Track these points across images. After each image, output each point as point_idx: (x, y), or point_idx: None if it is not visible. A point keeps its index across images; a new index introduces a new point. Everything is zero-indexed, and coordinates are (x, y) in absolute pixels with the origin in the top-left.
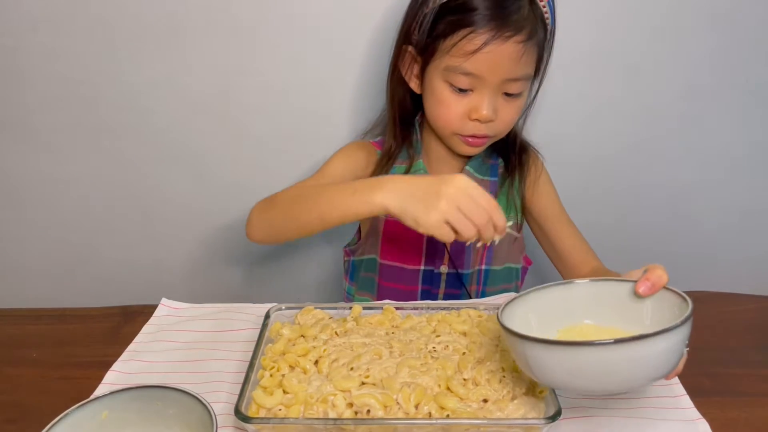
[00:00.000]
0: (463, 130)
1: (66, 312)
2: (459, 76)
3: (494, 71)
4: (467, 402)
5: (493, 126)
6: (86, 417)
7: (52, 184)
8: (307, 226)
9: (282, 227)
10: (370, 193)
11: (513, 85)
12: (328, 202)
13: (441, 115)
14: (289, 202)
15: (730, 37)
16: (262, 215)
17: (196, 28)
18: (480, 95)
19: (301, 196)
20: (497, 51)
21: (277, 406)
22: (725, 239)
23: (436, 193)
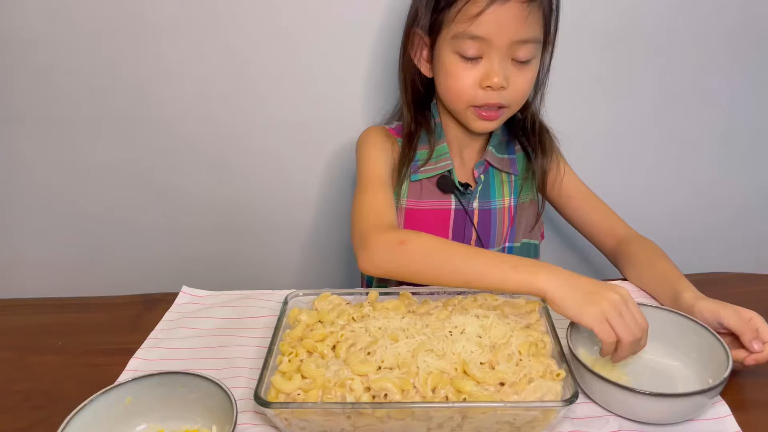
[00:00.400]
0: (476, 100)
1: (89, 301)
2: (466, 42)
3: (501, 33)
4: (484, 385)
5: (506, 95)
6: (110, 402)
7: (73, 175)
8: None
9: (412, 276)
10: (533, 275)
11: (522, 49)
12: (479, 271)
13: (452, 87)
14: (429, 255)
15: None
16: (391, 257)
17: (210, 20)
18: (489, 61)
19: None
20: (501, 11)
21: (296, 391)
22: (744, 218)
23: (600, 293)
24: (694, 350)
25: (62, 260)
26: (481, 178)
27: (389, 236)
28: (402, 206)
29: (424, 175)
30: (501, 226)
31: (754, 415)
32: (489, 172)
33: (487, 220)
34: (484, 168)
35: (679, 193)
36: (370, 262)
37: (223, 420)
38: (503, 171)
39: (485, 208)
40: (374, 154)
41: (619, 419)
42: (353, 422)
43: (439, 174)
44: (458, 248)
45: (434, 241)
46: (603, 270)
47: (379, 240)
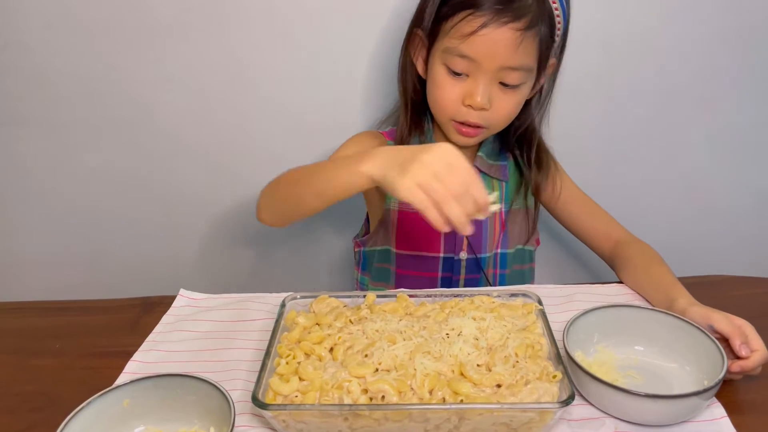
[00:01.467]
0: (457, 116)
1: (87, 304)
2: (455, 58)
3: (490, 56)
4: (481, 387)
5: (486, 116)
6: (108, 405)
7: (72, 178)
8: (306, 205)
9: (285, 208)
10: (359, 164)
11: (510, 75)
12: (324, 178)
13: (437, 98)
14: (290, 182)
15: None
16: (268, 198)
17: (209, 21)
18: (475, 81)
19: (301, 176)
20: (494, 35)
21: (294, 393)
22: (741, 222)
23: (413, 158)
24: (690, 352)
25: (61, 263)
26: None
27: (271, 182)
28: (394, 209)
29: None
30: (492, 232)
31: (750, 417)
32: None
33: (477, 225)
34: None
35: (675, 196)
36: (258, 209)
37: (221, 422)
38: (493, 177)
39: None
40: (347, 146)
41: (615, 421)
42: (350, 424)
43: None
44: (314, 166)
45: (298, 168)
46: (600, 273)
47: (264, 189)
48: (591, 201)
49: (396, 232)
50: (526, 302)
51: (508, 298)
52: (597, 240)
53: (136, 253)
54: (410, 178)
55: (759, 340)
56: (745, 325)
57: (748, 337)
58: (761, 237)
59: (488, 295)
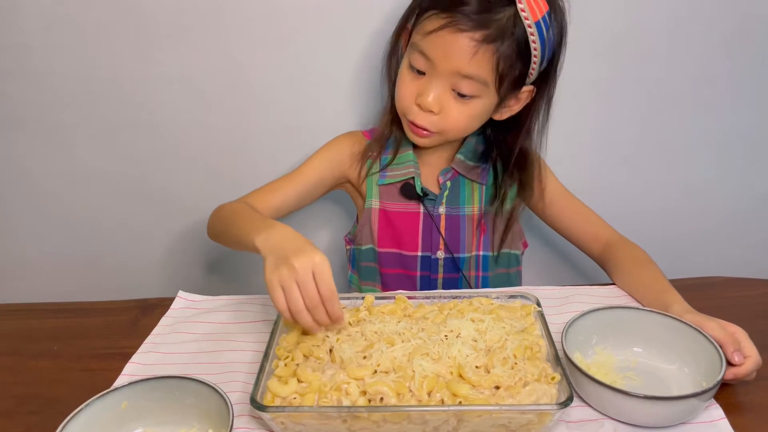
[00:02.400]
0: (409, 113)
1: (85, 306)
2: (416, 54)
3: (444, 59)
4: (479, 389)
5: (435, 121)
6: (106, 407)
7: (69, 180)
8: (232, 242)
9: (222, 238)
10: (257, 234)
11: (463, 84)
12: (239, 229)
13: (398, 92)
14: (226, 217)
15: (744, 21)
16: (213, 222)
17: (207, 24)
18: (428, 81)
19: (232, 215)
20: (450, 38)
21: (292, 395)
22: (738, 224)
23: (288, 259)
24: (688, 353)
25: (59, 265)
26: (447, 184)
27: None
28: (375, 207)
29: (391, 180)
30: (470, 233)
31: (748, 419)
32: (458, 179)
33: (455, 226)
34: (451, 174)
35: (673, 198)
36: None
37: (219, 424)
38: (472, 180)
39: (453, 214)
40: (317, 154)
41: (613, 422)
42: (349, 426)
43: (403, 180)
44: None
45: (235, 206)
46: (590, 274)
47: (214, 211)
48: (578, 201)
49: (377, 231)
50: (524, 304)
51: (506, 299)
52: (586, 241)
53: (135, 255)
54: (277, 275)
55: (752, 346)
56: (738, 332)
57: (741, 344)
58: (759, 238)
59: (487, 296)
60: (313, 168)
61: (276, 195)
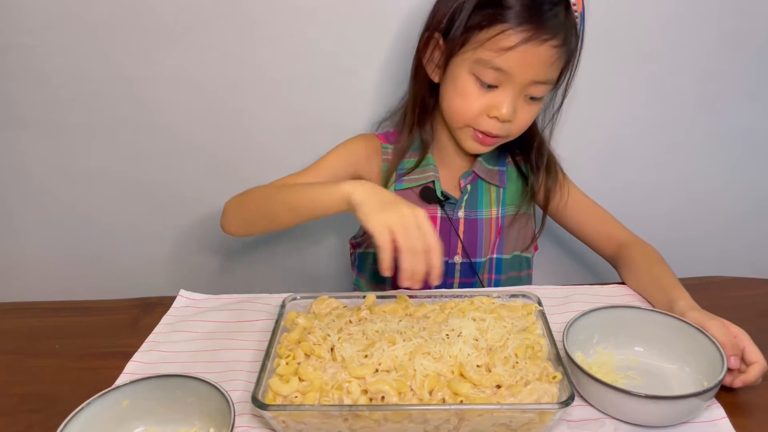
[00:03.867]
0: (478, 125)
1: (87, 304)
2: (488, 70)
3: (524, 71)
4: (481, 388)
5: (507, 127)
6: (108, 406)
7: (70, 179)
8: (279, 219)
9: (255, 220)
10: (340, 186)
11: (537, 89)
12: (301, 196)
13: (459, 107)
14: (264, 196)
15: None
16: (237, 209)
17: (210, 22)
18: (504, 93)
19: (275, 191)
20: (532, 52)
21: (293, 394)
22: (740, 223)
23: (394, 206)
24: (689, 353)
25: (60, 264)
26: (467, 188)
27: (241, 193)
28: None
29: (409, 185)
30: (488, 237)
31: (750, 419)
32: (477, 183)
33: (473, 229)
34: (471, 178)
35: (676, 197)
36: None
37: (220, 423)
38: (491, 183)
39: (471, 218)
40: (332, 153)
41: (614, 422)
42: (350, 425)
43: (422, 185)
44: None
45: (271, 184)
46: (601, 274)
47: (232, 199)
48: (593, 203)
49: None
50: (525, 303)
51: (507, 298)
52: (600, 242)
53: (137, 254)
54: (384, 217)
55: (756, 351)
56: (741, 335)
57: (745, 349)
58: (761, 238)
59: (488, 296)
60: (327, 166)
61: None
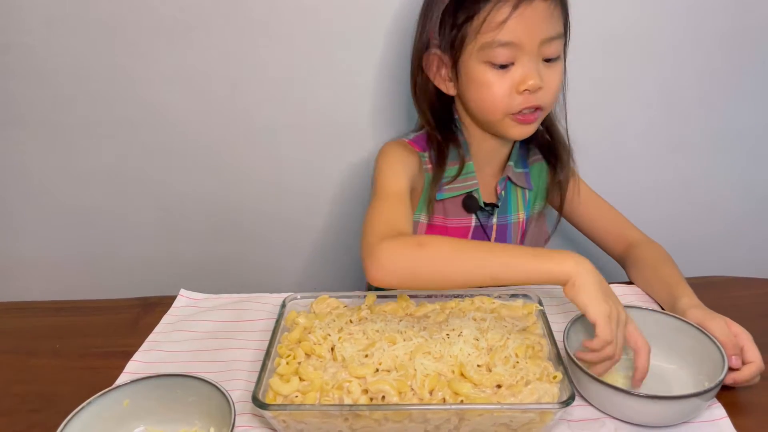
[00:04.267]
0: (513, 107)
1: (87, 304)
2: (497, 50)
3: (530, 34)
4: (481, 388)
5: (542, 95)
6: (108, 405)
7: (71, 178)
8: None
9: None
10: (560, 261)
11: (550, 47)
12: (504, 264)
13: (487, 98)
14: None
15: (745, 18)
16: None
17: (212, 21)
18: (522, 66)
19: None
20: (527, 12)
21: (294, 393)
22: (743, 222)
23: (614, 299)
24: (690, 353)
25: (60, 263)
26: (502, 194)
27: (404, 239)
28: (423, 222)
29: (450, 194)
30: (515, 240)
31: (751, 419)
32: (507, 188)
33: (503, 234)
34: (504, 183)
35: (678, 197)
36: (381, 268)
37: (221, 422)
38: (520, 186)
39: (502, 223)
40: (395, 167)
41: (615, 421)
42: (351, 424)
43: (465, 193)
44: (478, 245)
45: (453, 241)
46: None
47: (391, 244)
48: (604, 202)
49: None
50: (526, 303)
51: (508, 298)
52: (609, 241)
53: (137, 254)
54: (609, 309)
55: (755, 351)
56: (742, 335)
57: (744, 348)
58: (764, 238)
59: (488, 295)
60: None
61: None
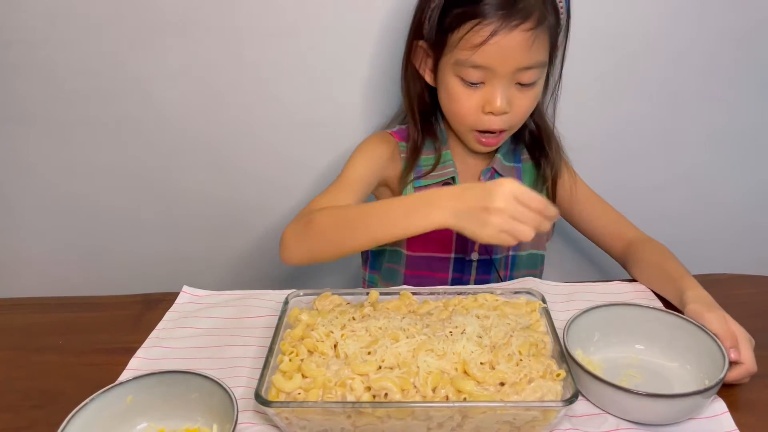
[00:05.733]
0: (478, 125)
1: (90, 300)
2: (469, 69)
3: (504, 62)
4: (484, 385)
5: (507, 118)
6: (111, 401)
7: (74, 175)
8: (353, 248)
9: (323, 251)
10: (426, 212)
11: (525, 75)
12: (379, 223)
13: (455, 110)
14: (332, 226)
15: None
16: (300, 240)
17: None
18: (492, 87)
19: (345, 220)
20: (505, 41)
21: (296, 390)
22: (745, 219)
23: (485, 208)
24: (690, 351)
25: (63, 259)
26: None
27: (298, 222)
28: None
29: (428, 182)
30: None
31: (752, 416)
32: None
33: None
34: (490, 174)
35: (680, 194)
36: (284, 249)
37: (223, 419)
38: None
39: None
40: (358, 159)
41: (617, 417)
42: (353, 421)
43: (442, 181)
44: (359, 210)
45: (336, 210)
46: (608, 270)
47: (290, 227)
48: (601, 200)
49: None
50: (529, 300)
51: (511, 296)
52: (608, 240)
53: (140, 250)
54: (492, 227)
55: (748, 353)
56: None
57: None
58: (765, 236)
59: (492, 292)
60: (357, 178)
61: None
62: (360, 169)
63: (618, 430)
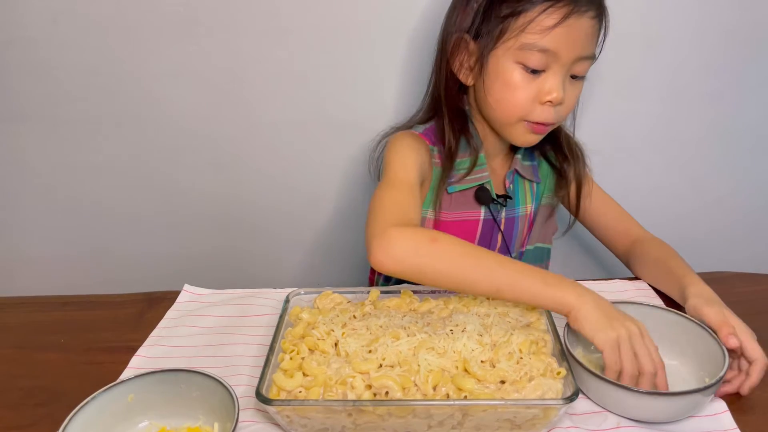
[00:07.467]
0: (531, 116)
1: (91, 299)
2: (534, 54)
3: (571, 47)
4: (485, 383)
5: (559, 110)
6: (113, 400)
7: (75, 173)
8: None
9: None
10: (563, 292)
11: (582, 65)
12: (512, 281)
13: (509, 99)
14: (459, 256)
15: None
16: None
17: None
18: (553, 75)
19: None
20: (576, 25)
21: (297, 389)
22: (746, 218)
23: (620, 321)
24: (691, 349)
25: (65, 258)
26: (511, 187)
27: (416, 230)
28: (430, 218)
29: (462, 187)
30: (522, 233)
31: (753, 415)
32: (515, 180)
33: (511, 227)
34: (513, 176)
35: (681, 193)
36: (389, 255)
37: (224, 417)
38: (527, 179)
39: (510, 216)
40: (408, 157)
41: (617, 415)
42: (354, 420)
43: (477, 185)
44: (489, 254)
45: (466, 244)
46: (611, 268)
47: (403, 233)
48: (610, 198)
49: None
50: None
51: None
52: (613, 237)
53: (141, 249)
54: (615, 335)
55: (756, 348)
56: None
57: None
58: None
59: None
60: (415, 177)
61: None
62: (412, 172)
63: (618, 428)
